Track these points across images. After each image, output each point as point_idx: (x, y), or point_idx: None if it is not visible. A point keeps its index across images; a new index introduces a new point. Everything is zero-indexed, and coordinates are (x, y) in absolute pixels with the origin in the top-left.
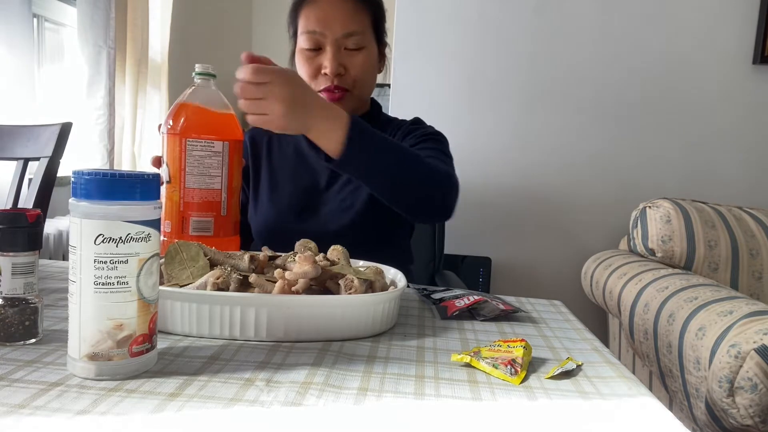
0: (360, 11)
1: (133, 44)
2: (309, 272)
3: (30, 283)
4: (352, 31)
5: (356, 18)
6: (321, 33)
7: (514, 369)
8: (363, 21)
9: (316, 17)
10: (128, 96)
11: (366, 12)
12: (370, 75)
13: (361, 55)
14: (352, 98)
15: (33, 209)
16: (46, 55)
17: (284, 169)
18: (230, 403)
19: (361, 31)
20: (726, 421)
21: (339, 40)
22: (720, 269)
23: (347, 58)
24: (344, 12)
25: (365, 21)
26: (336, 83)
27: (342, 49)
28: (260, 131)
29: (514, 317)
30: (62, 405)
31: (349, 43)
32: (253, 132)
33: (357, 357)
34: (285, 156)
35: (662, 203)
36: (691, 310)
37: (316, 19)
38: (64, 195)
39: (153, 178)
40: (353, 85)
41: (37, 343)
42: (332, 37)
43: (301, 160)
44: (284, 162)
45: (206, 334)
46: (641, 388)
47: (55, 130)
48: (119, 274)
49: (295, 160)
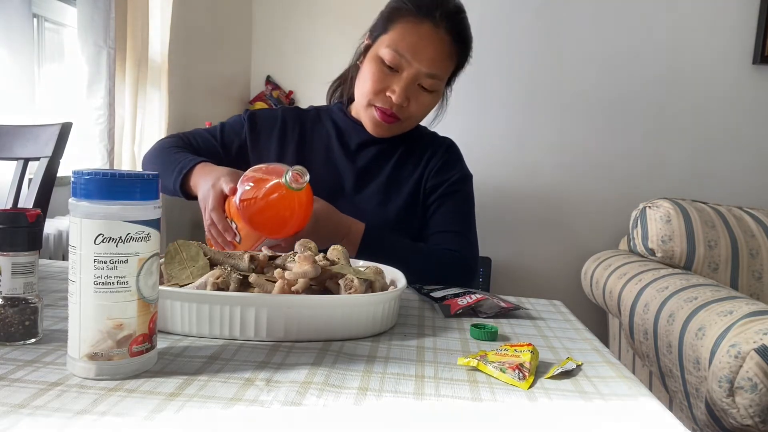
0: (450, 57)
1: (133, 44)
2: (309, 272)
3: (30, 283)
4: (435, 73)
5: (444, 63)
6: (407, 60)
7: (522, 374)
8: (448, 67)
9: (410, 42)
10: (128, 96)
11: (455, 59)
12: (425, 114)
13: (430, 98)
14: (400, 127)
15: (33, 209)
16: (46, 55)
17: (313, 162)
18: (230, 403)
19: (441, 77)
20: (726, 421)
21: (419, 75)
22: (720, 269)
23: (416, 93)
24: (438, 51)
25: (450, 67)
26: (394, 110)
27: (416, 83)
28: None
29: (514, 315)
30: (62, 405)
31: (426, 82)
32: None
33: (357, 357)
34: (315, 150)
35: (662, 203)
36: (691, 310)
37: (409, 43)
38: (64, 195)
39: (153, 178)
40: (407, 118)
41: (37, 342)
42: (416, 68)
43: (329, 159)
44: (313, 156)
45: (206, 334)
46: (641, 388)
47: (55, 130)
48: (119, 273)
49: (324, 156)
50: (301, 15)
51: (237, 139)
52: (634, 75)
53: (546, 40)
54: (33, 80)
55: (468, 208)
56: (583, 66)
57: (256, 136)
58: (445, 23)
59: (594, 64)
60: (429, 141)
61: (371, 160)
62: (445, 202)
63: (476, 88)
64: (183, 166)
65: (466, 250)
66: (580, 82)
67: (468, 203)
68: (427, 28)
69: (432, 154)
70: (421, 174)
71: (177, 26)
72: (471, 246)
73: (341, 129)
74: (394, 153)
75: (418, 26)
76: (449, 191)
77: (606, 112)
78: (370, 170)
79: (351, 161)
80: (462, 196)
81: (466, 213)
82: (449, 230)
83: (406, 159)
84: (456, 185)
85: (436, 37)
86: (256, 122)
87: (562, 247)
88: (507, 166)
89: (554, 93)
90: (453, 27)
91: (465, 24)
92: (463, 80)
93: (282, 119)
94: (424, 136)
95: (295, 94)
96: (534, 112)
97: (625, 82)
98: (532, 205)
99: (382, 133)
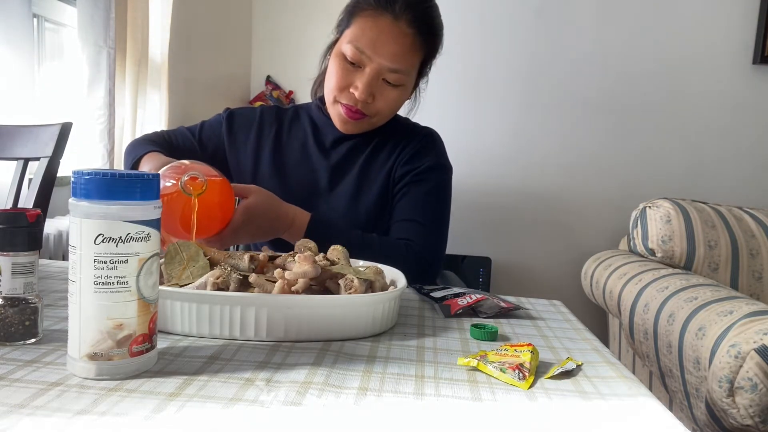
0: (415, 49)
1: (133, 44)
2: (309, 272)
3: (30, 283)
4: (397, 68)
5: (407, 56)
6: (367, 55)
7: (522, 374)
8: (413, 61)
9: (369, 37)
10: (128, 96)
11: (420, 51)
12: (395, 109)
13: (395, 92)
14: (368, 123)
15: (33, 209)
16: (46, 55)
17: (289, 161)
18: (230, 403)
19: (405, 71)
20: (726, 421)
21: (381, 70)
22: (720, 269)
23: (380, 88)
24: (400, 45)
25: (416, 60)
26: (359, 107)
27: (380, 79)
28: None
29: (514, 314)
30: (62, 405)
31: (390, 77)
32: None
33: (357, 357)
34: (291, 149)
35: (662, 203)
36: (691, 310)
37: (368, 38)
38: (64, 195)
39: (153, 178)
40: (374, 114)
41: (37, 342)
42: (377, 63)
43: (304, 157)
44: (289, 155)
45: (206, 334)
46: (641, 388)
47: (55, 130)
48: (119, 273)
49: (300, 155)
50: (301, 15)
51: (215, 138)
52: (634, 75)
53: (546, 40)
54: (33, 80)
55: (435, 199)
56: (583, 66)
57: (233, 136)
58: (406, 15)
59: (594, 63)
60: (406, 131)
61: (344, 155)
62: (410, 191)
63: (476, 88)
64: (135, 155)
65: (425, 241)
66: (581, 82)
67: (437, 193)
68: (387, 21)
69: (406, 143)
70: (392, 164)
71: (177, 26)
72: (431, 237)
73: (317, 126)
74: (367, 147)
75: (378, 20)
76: (416, 179)
77: (606, 112)
78: (343, 166)
79: (325, 158)
80: (430, 185)
81: (432, 203)
82: (410, 219)
83: (379, 151)
84: (425, 174)
85: (397, 30)
86: (234, 121)
87: (562, 247)
88: (507, 166)
89: (554, 93)
90: (415, 18)
91: (430, 13)
92: (462, 80)
93: (260, 118)
94: (401, 126)
95: (295, 94)
96: (534, 112)
97: (625, 82)
98: (532, 205)
99: (350, 129)
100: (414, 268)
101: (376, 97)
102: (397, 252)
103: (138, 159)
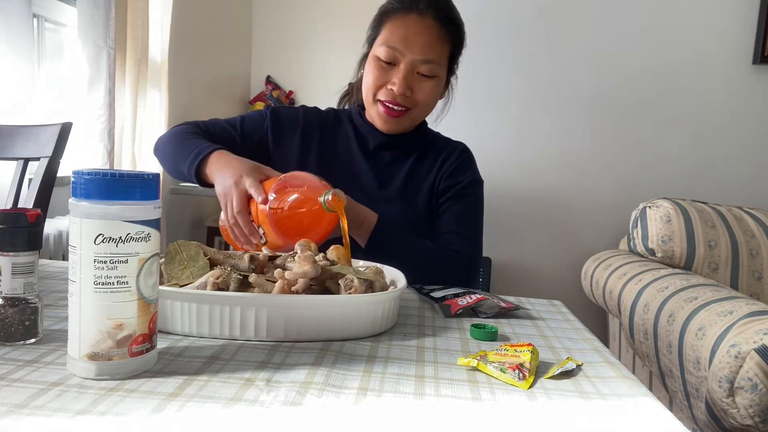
0: (443, 41)
1: (133, 44)
2: (309, 272)
3: (30, 283)
4: (429, 58)
5: (437, 46)
6: (400, 51)
7: (522, 374)
8: (443, 51)
9: (400, 35)
10: (128, 96)
11: (448, 43)
12: (432, 102)
13: (431, 83)
14: (409, 118)
15: (33, 209)
16: (46, 55)
17: (335, 164)
18: (230, 403)
19: (437, 61)
20: (726, 421)
21: (415, 63)
22: (720, 269)
23: (417, 81)
24: (428, 37)
25: (445, 51)
26: (399, 101)
27: (414, 72)
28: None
29: (514, 314)
30: (62, 405)
31: (423, 68)
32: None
33: (357, 357)
34: (337, 152)
35: (662, 203)
36: (691, 310)
37: (399, 36)
38: (64, 195)
39: (153, 178)
40: (414, 105)
41: (37, 342)
42: (410, 58)
43: (350, 161)
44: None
45: (206, 334)
46: (641, 388)
47: (55, 130)
48: (119, 273)
49: (345, 159)
50: (301, 15)
51: (258, 133)
52: (634, 75)
53: (546, 40)
54: (33, 80)
55: (476, 212)
56: (583, 66)
57: (278, 133)
58: (430, 11)
59: (594, 63)
60: (442, 145)
61: (389, 162)
62: (454, 204)
63: (476, 88)
64: (199, 152)
65: (470, 252)
66: (581, 83)
67: (477, 207)
68: (414, 18)
69: (446, 157)
70: (435, 176)
71: (177, 26)
72: (475, 249)
73: (360, 132)
74: (410, 156)
75: (405, 19)
76: (460, 194)
77: (606, 112)
78: (388, 172)
79: (369, 163)
80: (472, 199)
81: (473, 216)
82: (456, 231)
83: (422, 161)
84: (467, 188)
85: (424, 24)
86: (280, 119)
87: (562, 247)
88: (507, 166)
89: (554, 93)
90: (439, 13)
91: (451, 8)
92: (462, 80)
93: (304, 119)
94: (437, 141)
95: (295, 94)
96: (534, 112)
97: (624, 82)
98: (532, 206)
99: (392, 128)
100: (463, 275)
101: (413, 90)
102: (450, 261)
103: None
